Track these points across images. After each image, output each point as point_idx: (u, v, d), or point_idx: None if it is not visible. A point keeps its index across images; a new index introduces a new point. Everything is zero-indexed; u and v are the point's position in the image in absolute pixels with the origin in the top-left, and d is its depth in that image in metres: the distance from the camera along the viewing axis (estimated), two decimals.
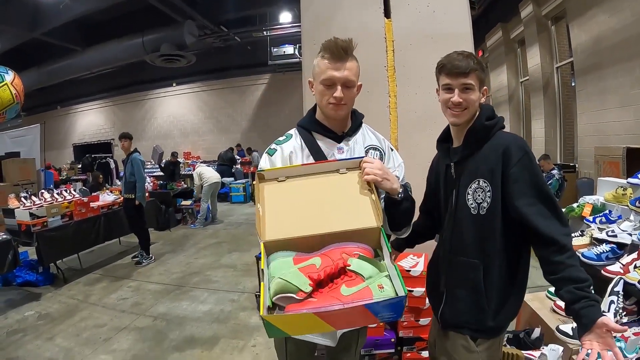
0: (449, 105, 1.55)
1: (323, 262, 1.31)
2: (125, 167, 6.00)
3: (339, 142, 1.64)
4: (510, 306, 1.54)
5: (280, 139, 1.67)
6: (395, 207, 1.52)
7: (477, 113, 1.57)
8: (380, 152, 1.71)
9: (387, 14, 2.78)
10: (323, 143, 1.63)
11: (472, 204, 1.53)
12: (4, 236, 4.53)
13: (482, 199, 1.50)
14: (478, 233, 1.52)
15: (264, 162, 1.60)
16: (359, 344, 1.83)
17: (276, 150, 1.62)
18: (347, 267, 1.30)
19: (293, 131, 1.69)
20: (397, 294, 1.23)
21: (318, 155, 1.59)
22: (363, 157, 1.50)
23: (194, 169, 10.09)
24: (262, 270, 1.34)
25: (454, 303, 1.60)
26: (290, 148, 1.61)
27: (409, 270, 2.48)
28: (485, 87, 1.58)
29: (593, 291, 1.32)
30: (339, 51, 1.49)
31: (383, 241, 1.38)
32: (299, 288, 1.23)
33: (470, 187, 1.53)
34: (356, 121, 1.71)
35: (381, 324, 2.57)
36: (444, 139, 1.74)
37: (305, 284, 1.25)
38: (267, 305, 1.23)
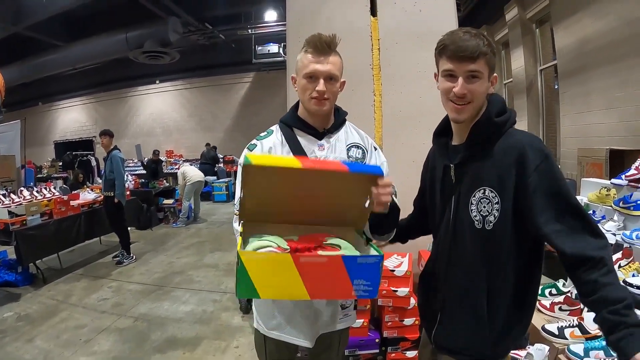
0: (450, 96, 1.27)
1: (300, 240, 1.37)
2: (105, 165, 5.90)
3: (320, 139, 1.60)
4: (516, 333, 1.33)
5: (262, 134, 1.64)
6: (383, 217, 1.45)
7: (485, 106, 1.31)
8: (363, 150, 1.68)
9: (373, 12, 2.77)
10: (304, 139, 1.59)
11: (475, 216, 1.28)
12: None
13: (487, 211, 1.25)
14: (482, 251, 1.28)
15: (244, 157, 1.53)
16: (341, 344, 1.80)
17: (256, 145, 1.59)
18: (324, 242, 1.33)
19: (275, 127, 1.65)
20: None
21: (298, 151, 1.56)
22: (380, 172, 1.33)
23: (178, 168, 9.97)
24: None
25: (450, 325, 1.39)
26: (270, 143, 1.58)
27: (393, 270, 2.47)
28: (495, 75, 1.30)
29: (635, 311, 1.07)
30: (323, 45, 1.47)
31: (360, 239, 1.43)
32: (277, 245, 1.27)
33: (474, 196, 1.28)
34: (339, 118, 1.66)
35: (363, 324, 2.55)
36: (442, 131, 1.46)
37: (283, 243, 1.29)
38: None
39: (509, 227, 1.23)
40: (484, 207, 1.26)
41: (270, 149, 1.56)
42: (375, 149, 1.73)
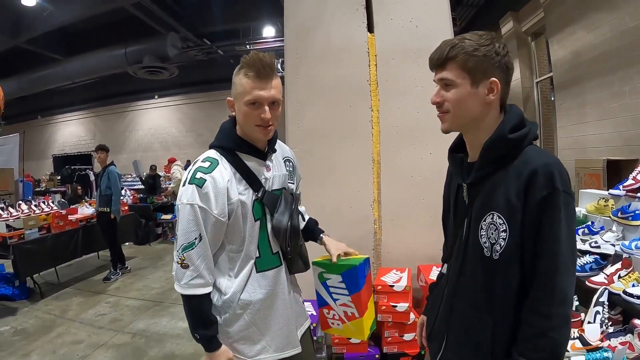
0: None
1: None
2: (101, 180, 5.86)
3: (265, 160, 1.54)
4: None
5: (203, 164, 1.43)
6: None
7: (498, 119, 1.20)
8: (292, 162, 1.72)
9: (370, 28, 2.80)
10: (252, 163, 1.50)
11: (485, 242, 1.16)
12: None
13: (495, 239, 1.13)
14: (489, 281, 1.17)
15: (191, 196, 1.38)
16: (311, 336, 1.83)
17: (204, 180, 1.38)
18: None
19: (214, 154, 1.48)
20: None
21: (251, 179, 1.47)
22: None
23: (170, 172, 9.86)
24: None
25: (455, 355, 1.31)
26: (226, 178, 1.42)
27: (392, 286, 2.46)
28: (492, 79, 1.15)
29: None
30: (266, 69, 1.36)
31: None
32: None
33: (485, 221, 1.17)
34: (274, 137, 1.57)
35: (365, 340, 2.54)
36: (457, 147, 1.36)
37: None
38: None
39: (516, 257, 1.12)
40: (492, 233, 1.14)
41: (227, 181, 1.41)
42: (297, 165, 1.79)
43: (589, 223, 2.92)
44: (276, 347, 1.55)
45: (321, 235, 1.75)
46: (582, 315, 2.25)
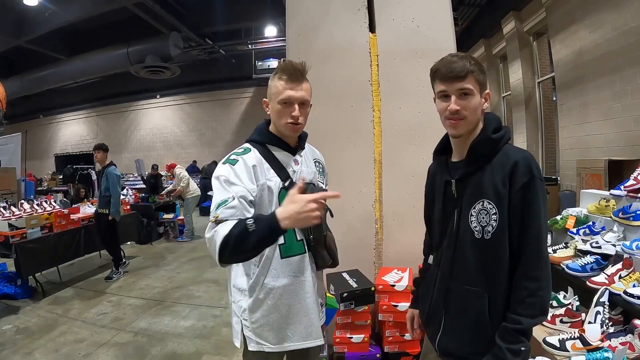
0: (446, 114, 1.38)
1: None
2: (100, 181, 5.83)
3: (294, 155, 1.69)
4: None
5: (238, 150, 1.63)
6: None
7: (481, 123, 1.42)
8: (322, 164, 1.87)
9: (372, 28, 2.80)
10: (280, 155, 1.66)
11: (475, 227, 1.37)
12: None
13: (486, 222, 1.35)
14: (482, 259, 1.37)
15: (226, 171, 1.52)
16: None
17: (237, 160, 1.55)
18: None
19: (248, 145, 1.67)
20: None
21: (277, 167, 1.62)
22: None
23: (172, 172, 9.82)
24: None
25: (454, 333, 1.46)
26: (253, 161, 1.57)
27: (394, 285, 2.46)
28: (487, 91, 1.42)
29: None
30: (297, 73, 1.57)
31: None
32: None
33: (474, 208, 1.37)
34: (303, 137, 1.76)
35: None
36: (442, 149, 1.58)
37: None
38: None
39: (505, 236, 1.33)
40: (483, 218, 1.35)
41: (254, 165, 1.56)
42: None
43: (590, 223, 2.92)
44: (299, 336, 1.64)
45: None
46: (583, 315, 2.25)
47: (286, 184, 1.59)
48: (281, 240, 1.56)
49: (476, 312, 1.38)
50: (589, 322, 2.12)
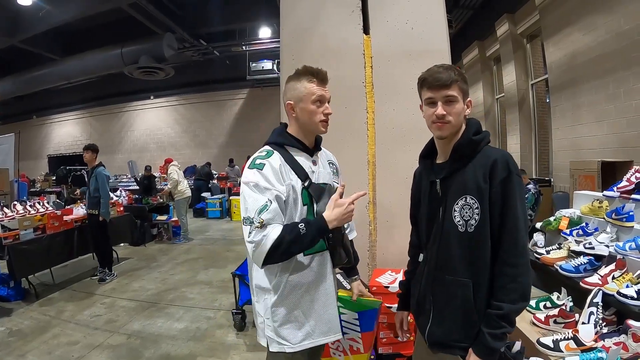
0: (432, 119, 1.52)
1: None
2: (90, 182, 5.78)
3: (312, 156, 1.79)
4: None
5: (262, 154, 1.68)
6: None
7: (464, 127, 1.56)
8: (336, 166, 1.96)
9: (366, 30, 2.80)
10: (300, 157, 1.74)
11: (459, 221, 1.49)
12: None
13: (469, 216, 1.47)
14: (466, 251, 1.49)
15: (256, 177, 1.59)
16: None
17: (264, 164, 1.62)
18: None
19: (268, 147, 1.73)
20: None
21: (298, 169, 1.69)
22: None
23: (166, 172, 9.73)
24: None
25: (442, 322, 1.55)
26: (279, 161, 1.66)
27: (387, 287, 2.46)
28: (469, 99, 1.57)
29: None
30: (325, 77, 1.72)
31: None
32: None
33: (457, 204, 1.50)
34: (318, 140, 1.85)
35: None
36: (427, 154, 1.72)
37: None
38: None
39: (486, 228, 1.45)
40: (466, 212, 1.47)
41: (280, 166, 1.64)
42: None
43: (584, 224, 2.94)
44: (320, 331, 1.72)
45: (355, 277, 2.05)
46: (577, 315, 2.25)
47: (306, 184, 1.69)
48: None
49: (462, 301, 1.48)
50: (583, 323, 2.13)
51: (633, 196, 2.65)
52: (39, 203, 6.02)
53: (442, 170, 1.58)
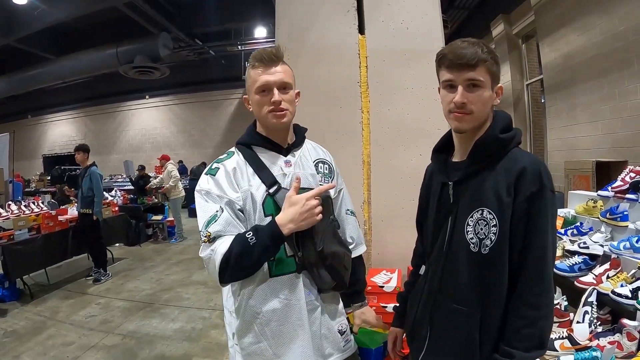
0: (451, 107, 1.21)
1: None
2: (82, 181, 5.75)
3: (285, 156, 1.51)
4: None
5: (221, 157, 1.50)
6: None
7: (490, 121, 1.25)
8: (329, 166, 1.65)
9: (361, 30, 2.80)
10: (266, 156, 1.48)
11: (472, 238, 1.20)
12: None
13: (484, 234, 1.17)
14: (477, 276, 1.20)
15: (206, 184, 1.39)
16: None
17: (218, 168, 1.43)
18: None
19: (233, 149, 1.54)
20: None
21: (261, 169, 1.44)
22: None
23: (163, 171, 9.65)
24: None
25: (437, 354, 1.32)
26: (234, 164, 1.43)
27: (382, 286, 2.46)
28: (500, 85, 1.24)
29: None
30: (270, 56, 1.41)
31: None
32: None
33: (472, 217, 1.21)
34: (300, 134, 1.60)
35: None
36: (442, 147, 1.40)
37: None
38: None
39: (505, 251, 1.16)
40: (482, 229, 1.18)
41: (234, 169, 1.42)
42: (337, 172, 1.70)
43: (578, 224, 2.95)
44: None
45: (358, 304, 1.69)
46: (571, 315, 2.26)
47: (271, 190, 1.40)
48: None
49: (465, 334, 1.21)
50: (577, 322, 2.13)
51: (627, 196, 2.67)
52: (33, 203, 6.00)
53: (457, 172, 1.29)
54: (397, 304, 1.64)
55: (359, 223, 1.73)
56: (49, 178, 14.93)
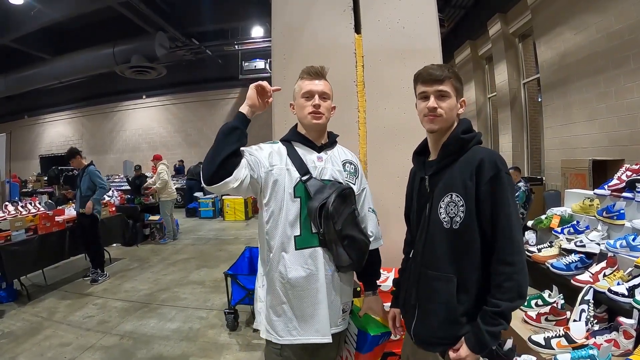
0: (424, 112, 1.54)
1: None
2: (81, 181, 5.73)
3: (319, 152, 1.81)
4: None
5: (268, 142, 1.85)
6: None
7: (455, 125, 1.57)
8: (355, 166, 1.90)
9: (357, 29, 2.80)
10: (302, 150, 1.79)
11: (444, 217, 1.50)
12: None
13: (454, 213, 1.47)
14: (451, 247, 1.49)
15: (252, 147, 1.75)
16: (340, 347, 1.93)
17: (261, 148, 1.78)
18: None
19: (276, 140, 1.88)
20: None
21: (296, 160, 1.74)
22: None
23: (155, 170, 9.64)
24: None
25: (426, 318, 1.55)
26: (275, 149, 1.77)
27: (379, 285, 2.46)
28: (463, 99, 1.59)
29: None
30: (316, 71, 1.77)
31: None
32: None
33: (443, 201, 1.50)
34: (332, 138, 1.90)
35: None
36: (421, 151, 1.73)
37: None
38: None
39: (474, 226, 1.45)
40: (452, 209, 1.48)
41: (270, 152, 1.75)
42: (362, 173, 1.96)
43: (575, 222, 2.96)
44: (307, 330, 1.69)
45: (368, 293, 1.97)
46: (568, 313, 2.27)
47: (304, 178, 1.70)
48: (297, 231, 1.69)
49: (445, 297, 1.48)
50: (574, 320, 2.14)
51: (624, 194, 2.67)
52: (30, 203, 5.98)
53: (431, 167, 1.61)
54: (394, 288, 1.91)
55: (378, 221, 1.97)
56: (45, 178, 14.89)
